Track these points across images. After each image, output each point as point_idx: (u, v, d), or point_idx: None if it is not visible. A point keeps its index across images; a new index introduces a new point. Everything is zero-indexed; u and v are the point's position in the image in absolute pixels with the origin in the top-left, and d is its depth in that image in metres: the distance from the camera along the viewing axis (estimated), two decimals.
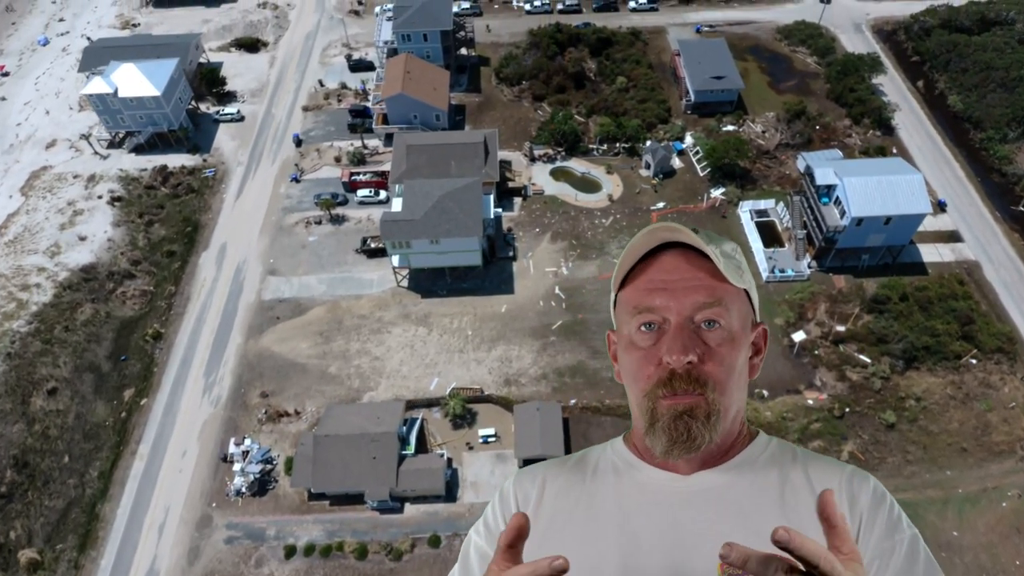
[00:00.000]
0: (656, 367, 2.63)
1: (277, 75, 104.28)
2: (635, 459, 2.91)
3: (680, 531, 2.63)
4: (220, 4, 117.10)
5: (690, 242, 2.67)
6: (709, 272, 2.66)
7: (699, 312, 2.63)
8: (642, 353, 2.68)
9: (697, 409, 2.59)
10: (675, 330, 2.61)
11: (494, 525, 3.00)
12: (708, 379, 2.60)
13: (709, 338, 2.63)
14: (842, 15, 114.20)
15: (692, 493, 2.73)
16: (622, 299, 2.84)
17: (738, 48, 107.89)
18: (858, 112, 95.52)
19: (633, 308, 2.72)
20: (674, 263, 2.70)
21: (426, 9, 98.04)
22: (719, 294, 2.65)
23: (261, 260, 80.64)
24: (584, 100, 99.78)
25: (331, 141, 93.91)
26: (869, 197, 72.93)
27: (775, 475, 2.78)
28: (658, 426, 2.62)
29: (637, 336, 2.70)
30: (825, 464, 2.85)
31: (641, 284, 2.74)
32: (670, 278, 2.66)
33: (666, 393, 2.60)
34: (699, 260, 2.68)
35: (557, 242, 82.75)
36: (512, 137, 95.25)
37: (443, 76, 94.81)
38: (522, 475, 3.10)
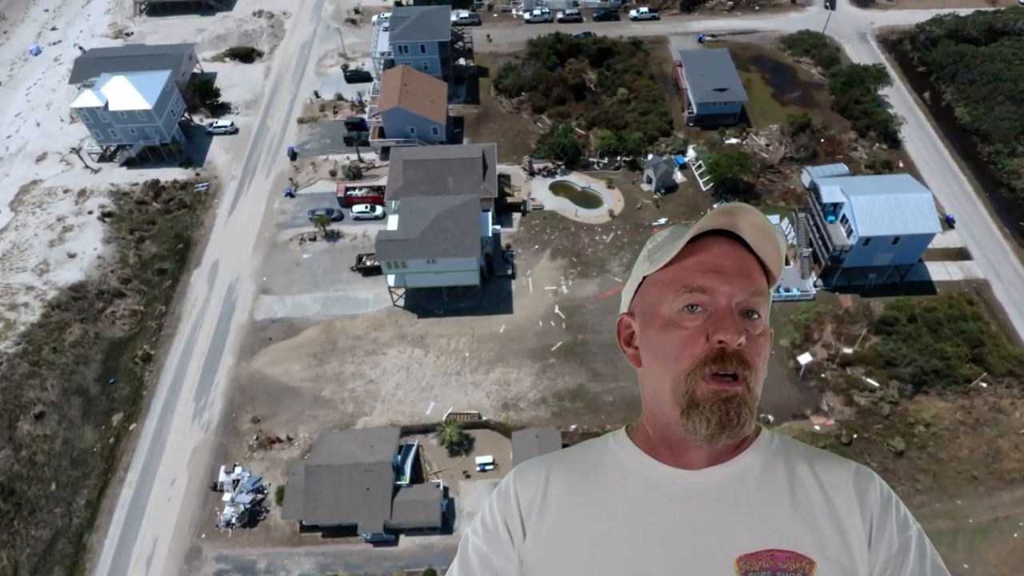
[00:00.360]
0: (704, 344, 2.57)
1: (272, 86, 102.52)
2: (642, 455, 2.82)
3: (693, 527, 2.59)
4: (215, 13, 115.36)
5: (755, 226, 2.66)
6: (753, 263, 2.70)
7: (746, 301, 2.62)
8: (687, 332, 2.61)
9: (744, 395, 2.56)
10: (726, 311, 2.58)
11: (492, 524, 2.88)
12: (752, 364, 2.58)
13: (750, 327, 2.62)
14: (847, 24, 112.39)
15: (703, 489, 2.68)
16: (663, 279, 2.73)
17: (741, 58, 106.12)
18: (864, 125, 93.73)
19: (683, 287, 2.64)
20: (723, 249, 2.68)
21: (424, 20, 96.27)
22: (762, 286, 2.68)
23: (254, 278, 78.87)
24: (584, 112, 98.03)
25: (327, 154, 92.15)
26: (877, 216, 71.14)
27: (783, 470, 2.74)
28: (704, 408, 2.54)
29: (680, 316, 2.64)
30: (830, 460, 2.82)
31: (689, 265, 2.66)
32: (721, 262, 2.64)
33: (714, 371, 2.53)
34: (744, 251, 2.70)
35: (557, 259, 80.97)
36: (511, 150, 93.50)
37: (441, 88, 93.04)
38: (523, 470, 2.97)
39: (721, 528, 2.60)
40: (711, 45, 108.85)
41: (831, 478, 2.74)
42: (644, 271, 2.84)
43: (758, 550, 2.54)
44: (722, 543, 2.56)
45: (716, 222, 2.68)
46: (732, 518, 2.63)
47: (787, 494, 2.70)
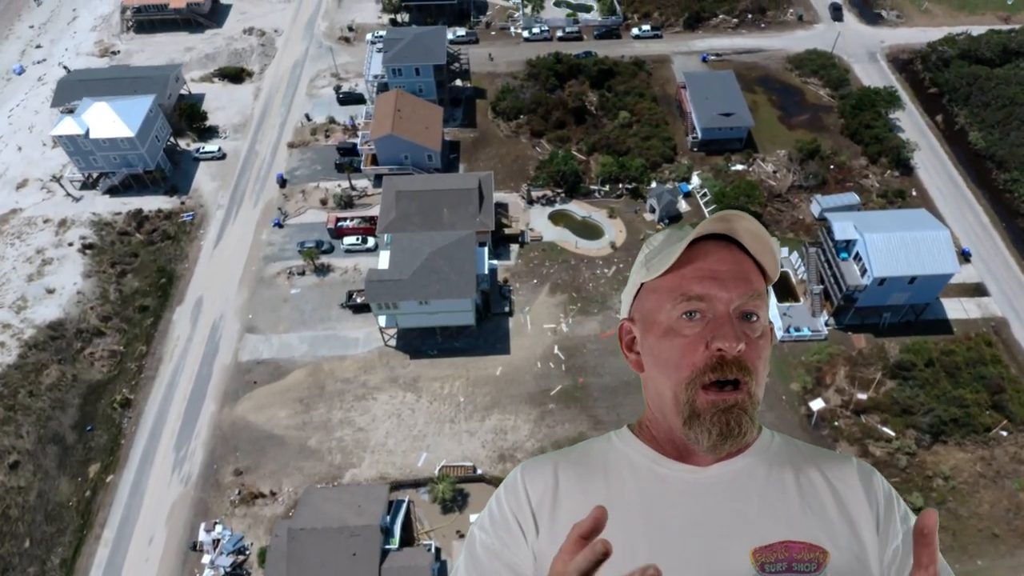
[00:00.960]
0: (704, 353, 2.58)
1: (262, 108, 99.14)
2: (650, 450, 2.84)
3: (709, 520, 2.61)
4: (204, 30, 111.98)
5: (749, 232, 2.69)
6: (750, 266, 2.72)
7: (744, 304, 2.63)
8: (687, 340, 2.63)
9: (744, 403, 2.57)
10: (725, 318, 2.60)
11: (501, 519, 2.79)
12: (752, 368, 2.59)
13: (749, 330, 2.64)
14: (855, 43, 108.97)
15: (715, 483, 2.71)
16: (661, 286, 2.75)
17: (747, 79, 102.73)
18: (875, 151, 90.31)
19: (680, 295, 2.67)
20: (720, 254, 2.70)
21: (418, 42, 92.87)
22: (760, 288, 2.70)
23: (239, 316, 75.46)
24: (585, 136, 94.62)
25: (317, 181, 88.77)
26: (892, 255, 67.72)
27: (788, 466, 2.80)
28: (704, 419, 2.56)
29: (679, 323, 2.66)
30: (832, 457, 2.90)
31: (686, 272, 2.68)
32: (718, 268, 2.66)
33: (713, 379, 2.55)
34: (741, 253, 2.72)
35: (556, 295, 77.56)
36: (508, 177, 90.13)
37: (436, 113, 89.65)
38: (530, 467, 2.92)
39: (735, 522, 2.59)
40: (715, 65, 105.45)
41: (836, 472, 2.79)
42: (642, 277, 2.83)
43: (773, 542, 2.53)
44: (737, 536, 2.54)
45: (713, 228, 2.68)
46: (745, 512, 2.62)
47: (795, 488, 2.71)
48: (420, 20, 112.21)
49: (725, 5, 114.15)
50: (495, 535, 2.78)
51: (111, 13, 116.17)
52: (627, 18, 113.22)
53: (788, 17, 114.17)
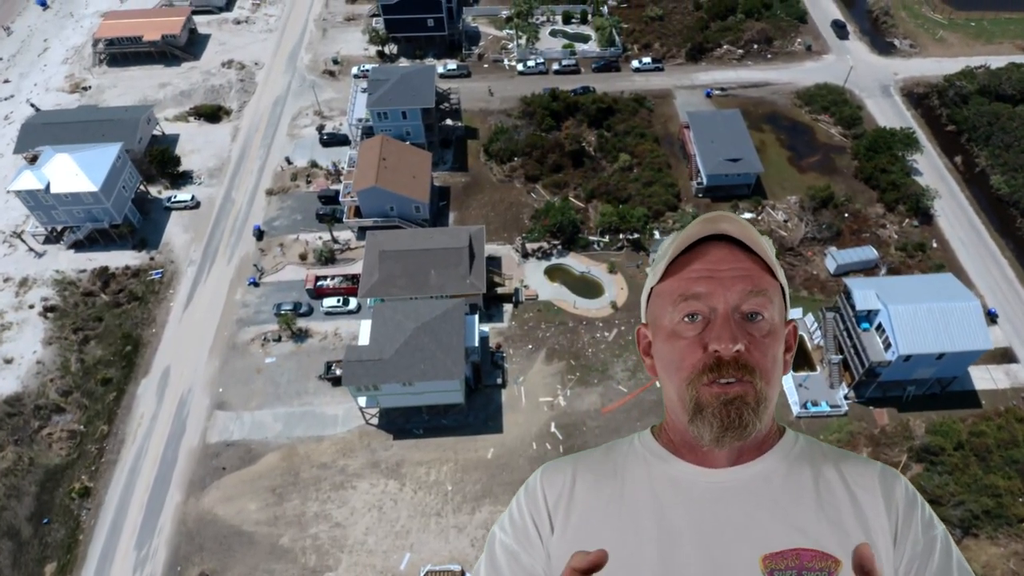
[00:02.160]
0: (702, 354, 2.60)
1: (240, 150, 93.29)
2: (667, 453, 2.83)
3: (718, 525, 2.59)
4: (180, 63, 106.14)
5: (739, 233, 2.69)
6: (752, 263, 2.69)
7: (745, 301, 2.61)
8: (686, 342, 2.65)
9: (747, 395, 2.55)
10: (723, 318, 2.59)
11: (520, 521, 2.86)
12: (755, 367, 2.57)
13: (753, 329, 2.61)
14: (867, 76, 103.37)
15: (728, 487, 2.68)
16: (663, 290, 2.78)
17: (753, 116, 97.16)
18: (892, 198, 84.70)
19: (679, 296, 2.68)
20: (719, 254, 2.68)
21: (405, 83, 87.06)
22: (763, 285, 2.66)
23: (209, 389, 69.64)
24: (583, 181, 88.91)
25: (297, 233, 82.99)
26: (919, 330, 62.06)
27: (808, 470, 2.76)
28: (706, 413, 2.57)
29: (680, 326, 2.67)
30: (855, 461, 2.84)
31: (685, 274, 2.70)
32: (716, 267, 2.65)
33: (712, 379, 2.56)
34: (742, 252, 2.70)
35: (553, 362, 71.86)
36: (502, 227, 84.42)
37: (424, 160, 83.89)
38: (550, 469, 2.98)
39: (746, 527, 2.56)
40: (720, 101, 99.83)
41: (857, 477, 2.73)
42: (650, 283, 2.89)
43: (783, 549, 2.50)
44: (747, 542, 2.52)
45: (701, 230, 2.68)
46: (757, 517, 2.59)
47: (813, 493, 2.68)
48: (409, 52, 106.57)
49: (729, 35, 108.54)
50: (513, 536, 2.80)
51: (84, 44, 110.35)
52: (627, 49, 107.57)
53: (796, 47, 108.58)
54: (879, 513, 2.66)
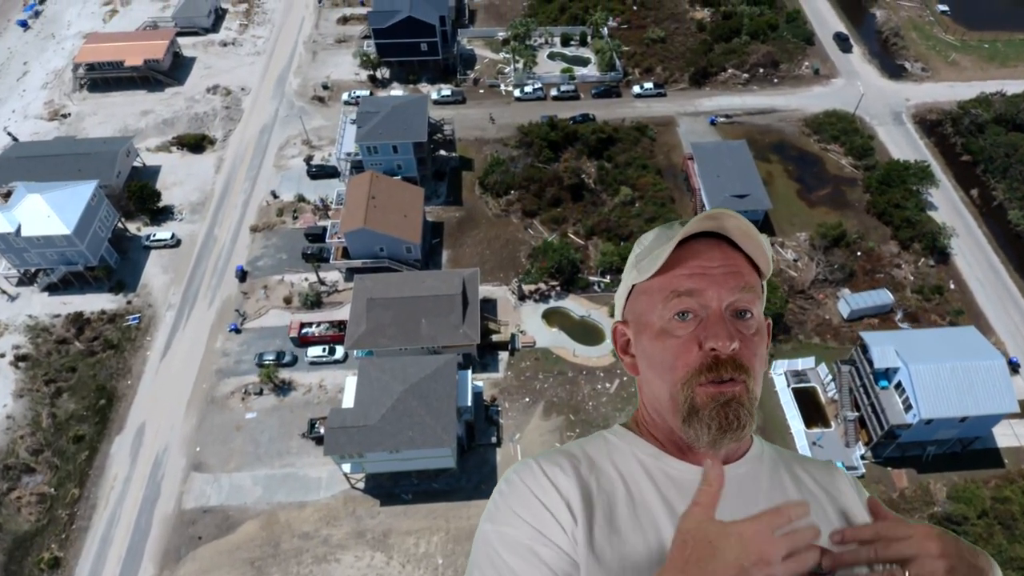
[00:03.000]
0: (697, 353, 2.56)
1: (224, 183, 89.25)
2: (661, 453, 2.82)
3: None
4: (164, 89, 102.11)
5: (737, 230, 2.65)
6: (742, 260, 2.67)
7: (736, 300, 2.60)
8: (680, 340, 2.60)
9: (742, 396, 2.55)
10: (717, 316, 2.57)
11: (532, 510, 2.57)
12: (748, 366, 2.57)
13: (743, 327, 2.61)
14: (878, 102, 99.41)
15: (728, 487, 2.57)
16: (652, 287, 2.71)
17: (760, 145, 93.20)
18: (907, 236, 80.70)
19: (670, 293, 2.63)
20: (710, 252, 2.65)
21: (396, 116, 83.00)
22: (752, 281, 2.66)
23: (185, 448, 65.59)
24: (582, 216, 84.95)
25: (282, 274, 78.95)
26: (941, 391, 58.09)
27: (783, 471, 2.86)
28: (703, 415, 2.54)
29: (672, 324, 2.63)
30: (815, 462, 3.01)
31: (678, 271, 2.64)
32: (708, 265, 2.62)
33: (709, 379, 2.53)
34: (731, 249, 2.68)
35: (551, 417, 67.86)
36: (497, 265, 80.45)
37: (416, 196, 79.88)
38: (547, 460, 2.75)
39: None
40: (725, 129, 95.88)
41: (824, 476, 2.90)
42: (633, 279, 2.81)
43: None
44: None
45: (702, 226, 2.65)
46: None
47: (793, 489, 2.79)
48: (402, 77, 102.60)
49: (734, 58, 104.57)
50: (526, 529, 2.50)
51: (64, 67, 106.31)
52: (627, 74, 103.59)
53: (803, 71, 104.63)
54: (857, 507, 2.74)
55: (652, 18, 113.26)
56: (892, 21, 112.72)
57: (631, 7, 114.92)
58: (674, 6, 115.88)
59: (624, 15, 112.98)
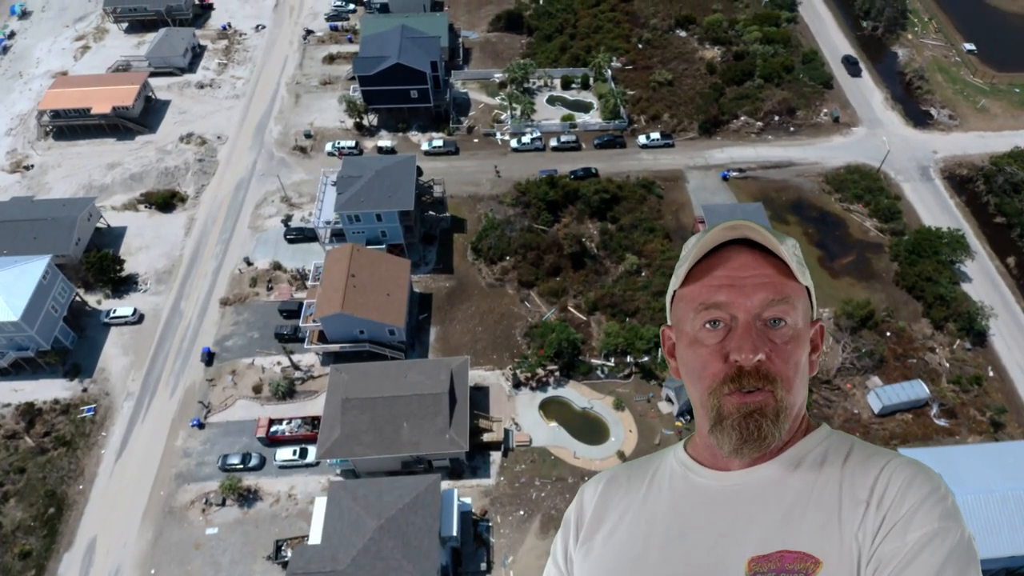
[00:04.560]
0: (723, 364, 2.59)
1: (194, 247, 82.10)
2: (689, 459, 2.89)
3: (716, 528, 2.63)
4: (134, 136, 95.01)
5: (761, 240, 2.65)
6: (776, 269, 2.65)
7: (767, 309, 2.59)
8: (708, 350, 2.64)
9: (767, 407, 2.55)
10: (744, 327, 2.57)
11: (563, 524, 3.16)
12: (776, 376, 2.56)
13: (775, 336, 2.59)
14: (903, 154, 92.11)
15: (738, 490, 2.70)
16: (686, 295, 2.76)
17: (777, 204, 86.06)
18: (940, 316, 73.40)
19: (700, 304, 2.66)
20: (741, 260, 2.65)
21: (380, 180, 75.82)
22: (786, 291, 2.62)
23: (139, 570, 58.41)
24: (584, 286, 77.76)
25: (252, 357, 71.78)
26: (992, 525, 50.93)
27: (816, 470, 2.69)
28: (726, 424, 2.59)
29: (702, 333, 2.66)
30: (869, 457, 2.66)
31: (708, 281, 2.67)
32: (738, 275, 2.62)
33: (733, 390, 2.56)
34: (764, 257, 2.66)
35: (549, 534, 60.57)
36: (491, 344, 73.29)
37: (401, 270, 72.69)
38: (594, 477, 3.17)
39: (742, 529, 2.58)
40: (739, 185, 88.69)
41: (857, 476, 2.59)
42: (673, 286, 2.87)
43: (771, 551, 2.50)
44: (738, 544, 2.55)
45: (722, 236, 2.66)
46: (758, 519, 2.59)
47: (811, 494, 2.62)
48: (390, 124, 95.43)
49: (747, 104, 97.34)
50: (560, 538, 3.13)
51: (31, 111, 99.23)
52: (632, 121, 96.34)
53: (822, 119, 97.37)
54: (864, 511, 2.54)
55: (658, 58, 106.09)
56: (916, 62, 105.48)
57: (636, 46, 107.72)
58: (682, 44, 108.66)
59: (629, 54, 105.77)
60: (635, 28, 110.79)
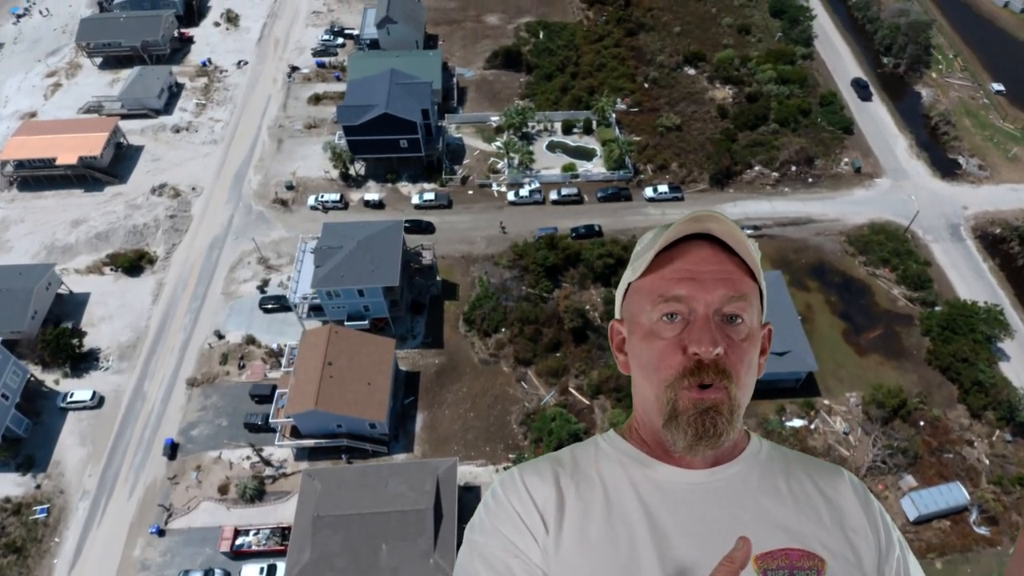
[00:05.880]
0: (681, 356, 2.54)
1: (161, 317, 75.49)
2: (642, 455, 2.76)
3: (710, 527, 2.58)
4: (104, 187, 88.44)
5: (725, 235, 2.62)
6: (735, 265, 2.63)
7: (726, 305, 2.56)
8: (665, 343, 2.58)
9: (722, 404, 2.53)
10: (703, 320, 2.54)
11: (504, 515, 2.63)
12: (732, 372, 2.53)
13: (732, 332, 2.57)
14: (931, 209, 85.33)
15: (709, 489, 2.68)
16: (643, 287, 2.69)
17: (796, 267, 79.35)
18: (978, 404, 66.65)
19: (659, 296, 2.61)
20: (701, 254, 2.62)
21: (363, 252, 69.07)
22: (744, 289, 2.61)
23: None
24: (586, 364, 71.22)
25: (220, 449, 65.16)
26: None
27: (780, 472, 2.78)
28: (681, 420, 2.54)
29: (659, 326, 2.61)
30: (820, 464, 2.88)
31: (668, 273, 2.61)
32: (698, 268, 2.59)
33: (692, 383, 2.51)
34: (725, 254, 2.64)
35: None
36: (483, 433, 66.71)
37: (385, 352, 66.03)
38: (529, 469, 2.78)
39: (733, 528, 2.52)
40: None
41: (827, 480, 2.78)
42: (628, 278, 2.80)
43: (772, 549, 2.51)
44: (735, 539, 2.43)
45: (686, 229, 2.62)
46: (742, 518, 2.59)
47: (789, 495, 2.69)
48: (379, 175, 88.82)
49: (762, 152, 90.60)
50: (496, 534, 2.58)
51: None
52: (638, 171, 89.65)
53: (842, 168, 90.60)
54: (855, 515, 2.67)
55: (666, 99, 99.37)
56: (941, 104, 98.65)
57: (642, 85, 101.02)
58: (691, 83, 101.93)
59: (634, 95, 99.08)
60: (640, 65, 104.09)
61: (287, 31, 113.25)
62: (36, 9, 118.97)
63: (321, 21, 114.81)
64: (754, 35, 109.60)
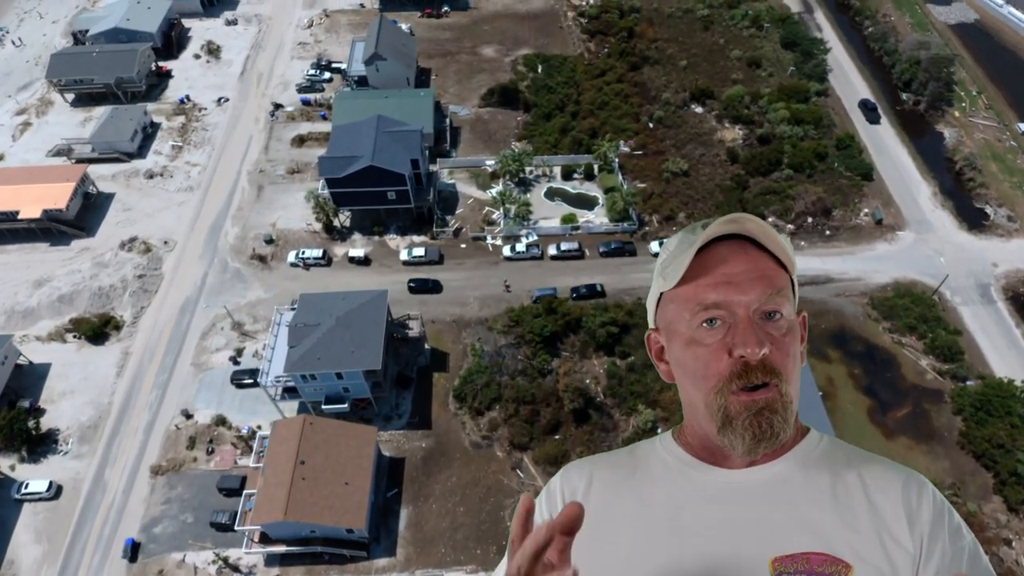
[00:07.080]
0: (727, 360, 2.52)
1: (125, 392, 69.59)
2: (687, 456, 2.80)
3: (734, 525, 2.57)
4: (70, 241, 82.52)
5: (759, 235, 2.59)
6: (768, 261, 2.61)
7: (764, 303, 2.54)
8: (709, 349, 2.56)
9: (775, 403, 2.50)
10: (745, 323, 2.52)
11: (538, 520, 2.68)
12: (779, 369, 2.51)
13: (773, 329, 2.55)
14: (959, 266, 79.19)
15: (744, 488, 2.65)
16: (678, 296, 2.66)
17: (815, 333, 73.08)
18: (1017, 498, 60.61)
19: (697, 304, 2.58)
20: (733, 255, 2.59)
21: (342, 330, 62.93)
22: (780, 284, 2.59)
23: None
24: (588, 447, 65.11)
25: (184, 550, 59.23)
26: None
27: (827, 473, 2.68)
28: (736, 424, 2.51)
29: (700, 333, 2.59)
30: (880, 465, 2.73)
31: (703, 280, 2.58)
32: (732, 271, 2.56)
33: (741, 386, 2.49)
34: (755, 251, 2.62)
35: None
36: (474, 534, 60.78)
37: (365, 442, 60.02)
38: (570, 469, 2.97)
39: (759, 528, 2.52)
40: None
41: (878, 482, 2.63)
42: (660, 287, 2.77)
43: (794, 552, 2.47)
44: (758, 543, 2.49)
45: (722, 230, 2.59)
46: (772, 518, 2.55)
47: (829, 497, 2.60)
48: (365, 227, 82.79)
49: (775, 201, 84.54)
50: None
51: None
52: (643, 222, 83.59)
53: (862, 219, 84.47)
54: (898, 520, 2.53)
55: (672, 140, 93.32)
56: (966, 146, 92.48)
57: (646, 125, 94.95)
58: (698, 123, 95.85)
59: (638, 136, 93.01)
60: (645, 103, 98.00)
61: (271, 64, 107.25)
62: (9, 39, 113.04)
63: (307, 53, 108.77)
64: (765, 69, 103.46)
